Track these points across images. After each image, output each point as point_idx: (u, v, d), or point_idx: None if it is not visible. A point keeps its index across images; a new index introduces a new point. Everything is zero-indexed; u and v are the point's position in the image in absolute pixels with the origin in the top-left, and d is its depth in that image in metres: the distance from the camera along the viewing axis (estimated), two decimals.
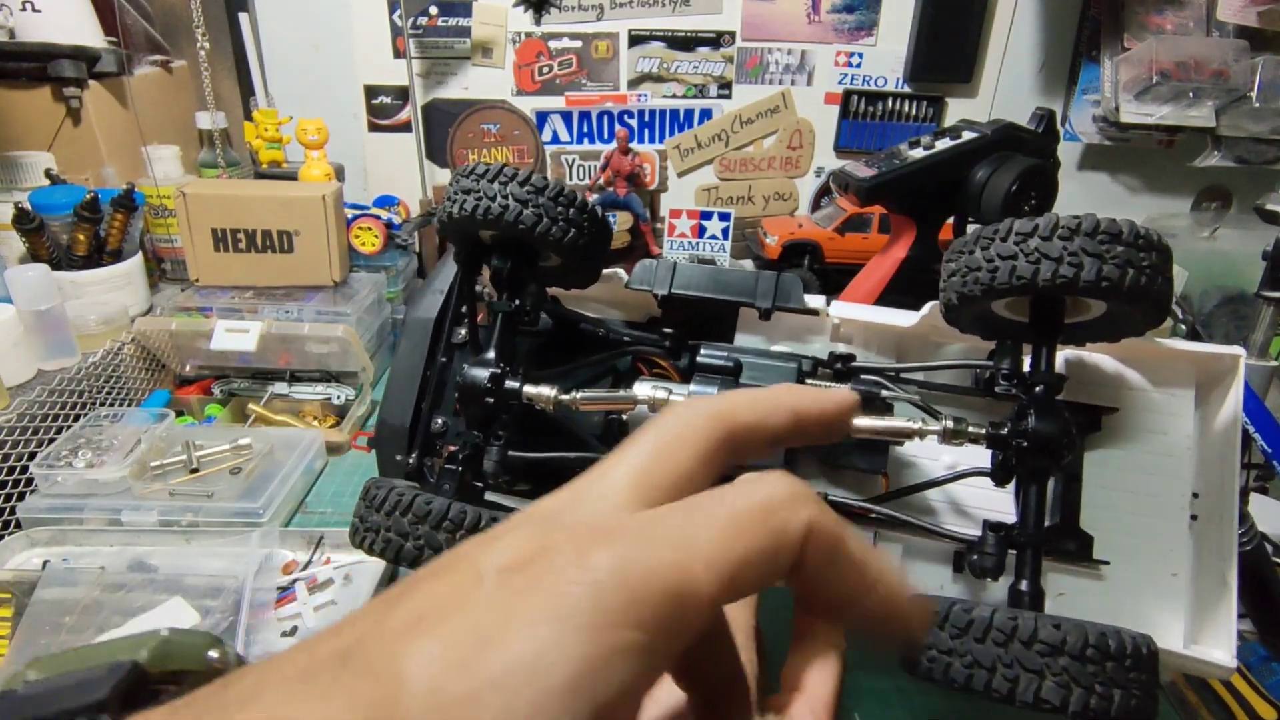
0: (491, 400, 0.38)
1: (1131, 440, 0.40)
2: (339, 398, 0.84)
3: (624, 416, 0.41)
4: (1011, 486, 0.36)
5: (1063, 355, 0.41)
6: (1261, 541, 0.51)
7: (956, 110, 1.36)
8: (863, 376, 0.40)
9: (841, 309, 0.42)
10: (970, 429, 0.34)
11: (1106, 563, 0.37)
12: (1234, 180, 1.38)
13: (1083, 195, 1.41)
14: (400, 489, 0.35)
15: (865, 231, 1.17)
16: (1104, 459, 0.40)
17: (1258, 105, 1.20)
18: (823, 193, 1.41)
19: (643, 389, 0.37)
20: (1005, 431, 0.34)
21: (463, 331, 0.44)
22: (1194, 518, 0.39)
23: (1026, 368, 0.35)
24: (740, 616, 0.27)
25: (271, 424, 0.81)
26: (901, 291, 0.81)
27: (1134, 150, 1.38)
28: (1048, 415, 0.33)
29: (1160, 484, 0.39)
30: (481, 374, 0.38)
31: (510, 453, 0.40)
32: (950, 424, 0.34)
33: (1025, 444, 0.33)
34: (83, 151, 0.99)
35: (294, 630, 0.54)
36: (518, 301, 0.40)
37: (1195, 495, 0.39)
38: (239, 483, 0.66)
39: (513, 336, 0.40)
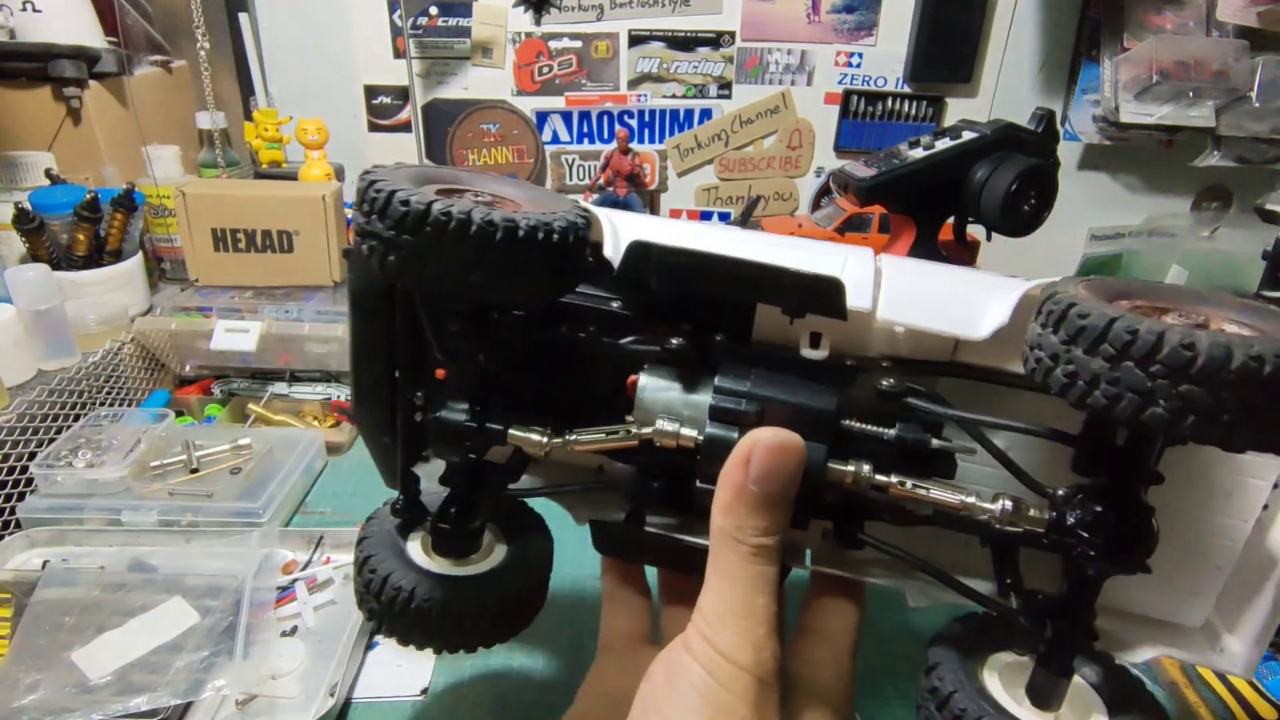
0: (472, 448, 0.34)
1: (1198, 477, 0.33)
2: (339, 398, 0.84)
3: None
4: None
5: None
6: None
7: (956, 110, 1.36)
8: (919, 415, 0.31)
9: (892, 311, 0.31)
10: (1031, 513, 0.28)
11: (1148, 571, 0.30)
12: (1234, 180, 1.38)
13: (1083, 195, 1.41)
14: (386, 569, 0.34)
15: (865, 231, 1.17)
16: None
17: (1258, 105, 1.20)
18: (823, 193, 1.41)
19: (645, 419, 0.32)
20: (1072, 523, 0.28)
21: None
22: (1265, 508, 0.32)
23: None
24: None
25: (271, 424, 0.80)
26: None
27: (1134, 150, 1.38)
28: (1127, 510, 0.27)
29: (1242, 479, 0.32)
30: (458, 417, 0.33)
31: (509, 487, 0.36)
32: (1009, 505, 0.28)
33: (1094, 553, 0.27)
34: (83, 151, 0.99)
35: (294, 630, 0.54)
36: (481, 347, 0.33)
37: (1276, 486, 0.32)
38: (239, 483, 0.66)
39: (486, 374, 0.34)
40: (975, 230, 0.85)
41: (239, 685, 0.48)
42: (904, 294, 0.30)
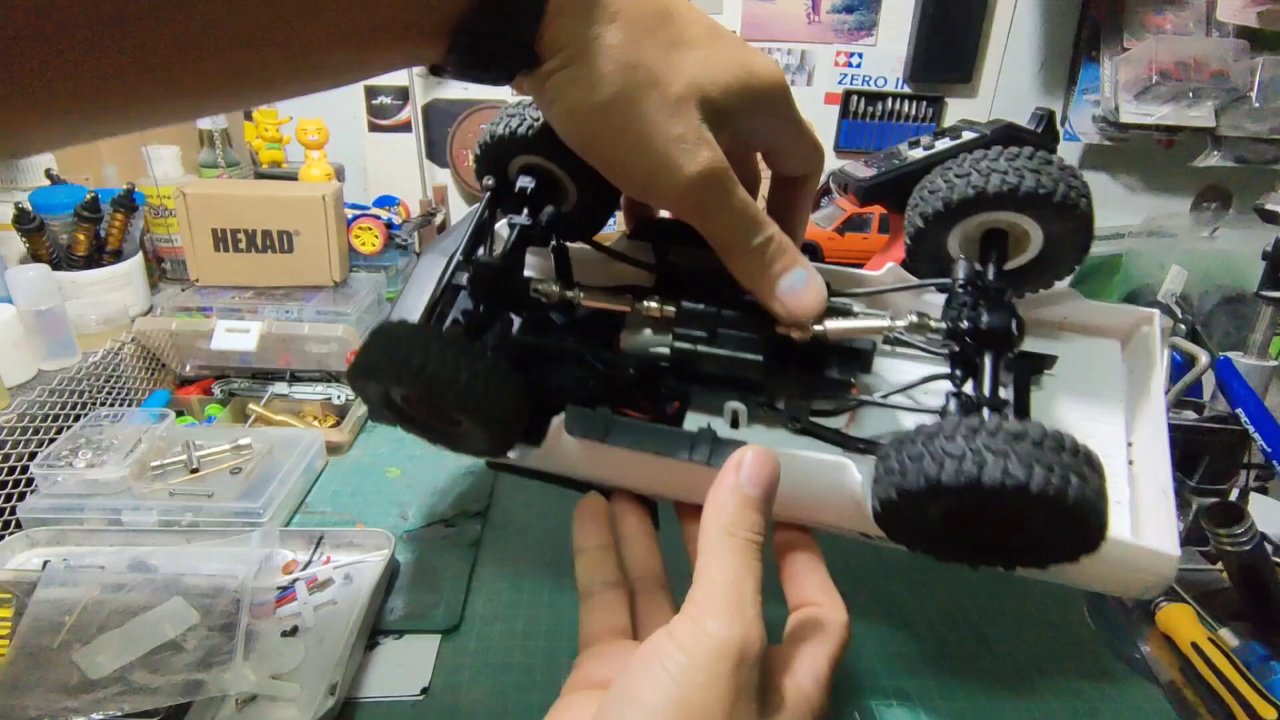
0: (500, 285, 0.40)
1: (1069, 389, 0.46)
2: (339, 398, 0.84)
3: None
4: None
5: None
6: (1261, 541, 0.52)
7: (956, 110, 1.37)
8: (834, 299, 0.43)
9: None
10: (932, 322, 0.39)
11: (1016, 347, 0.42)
12: (1234, 180, 1.38)
13: None
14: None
15: (865, 231, 1.18)
16: (1045, 406, 0.45)
17: (1257, 105, 1.20)
18: (822, 193, 1.41)
19: (640, 297, 0.40)
20: (964, 326, 0.38)
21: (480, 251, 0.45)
22: (1130, 463, 0.43)
23: None
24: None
25: (272, 424, 0.81)
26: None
27: (1134, 150, 1.38)
28: (997, 308, 0.38)
29: (1098, 429, 0.44)
30: (494, 261, 0.41)
31: (512, 334, 0.42)
32: (915, 318, 0.38)
33: (978, 332, 0.38)
34: (83, 151, 0.99)
35: (294, 630, 0.54)
36: (533, 219, 0.42)
37: (1130, 444, 0.44)
38: (239, 483, 0.66)
39: (523, 251, 0.42)
40: None
41: (239, 685, 0.48)
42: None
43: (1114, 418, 0.45)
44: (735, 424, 0.41)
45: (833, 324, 0.38)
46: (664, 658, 0.27)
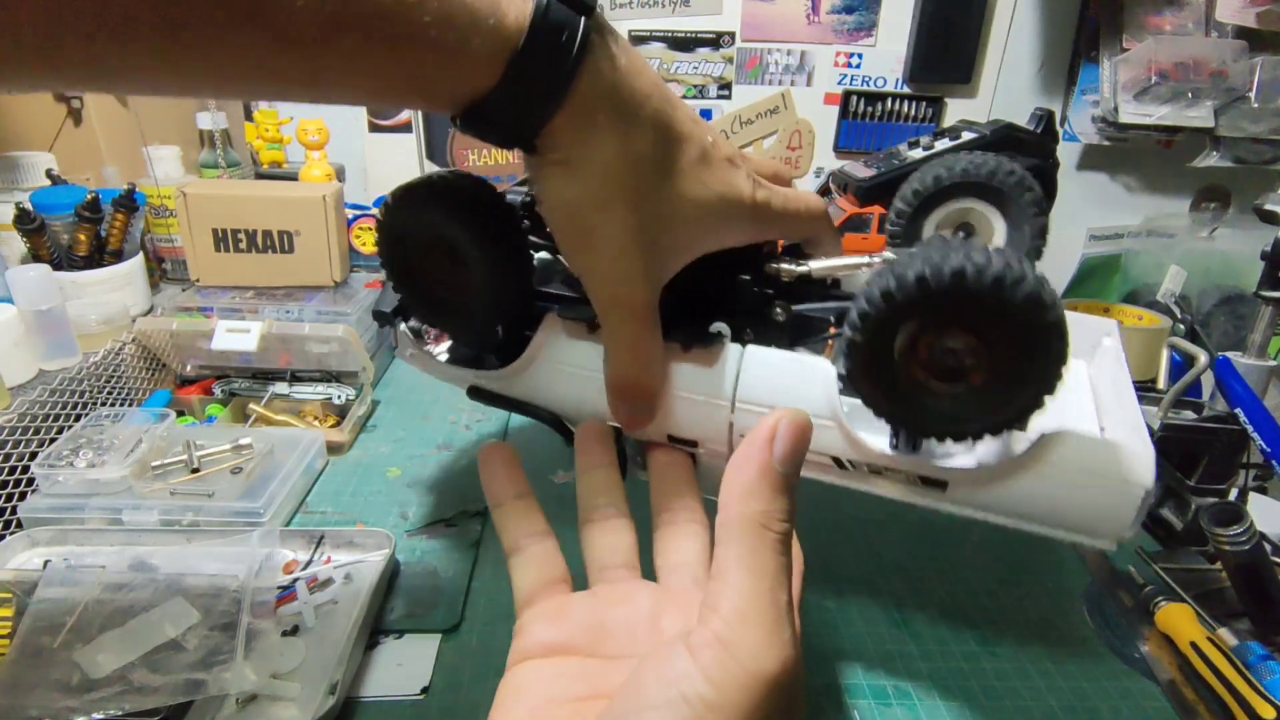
0: (526, 219, 0.44)
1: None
2: (339, 398, 0.84)
3: None
4: None
5: None
6: (1261, 541, 0.52)
7: (956, 110, 1.37)
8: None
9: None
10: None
11: None
12: (1233, 180, 1.38)
13: (1082, 195, 1.41)
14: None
15: (865, 231, 1.17)
16: None
17: (1256, 105, 1.21)
18: (822, 193, 1.41)
19: None
20: None
21: None
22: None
23: None
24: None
25: (272, 424, 0.81)
26: None
27: (1133, 150, 1.38)
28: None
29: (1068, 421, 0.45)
30: (521, 196, 0.44)
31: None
32: (887, 255, 0.41)
33: None
34: (83, 152, 1.00)
35: (295, 629, 0.54)
36: None
37: (1102, 429, 0.45)
38: (239, 482, 0.66)
39: None
40: None
41: (239, 685, 0.48)
42: None
43: (1087, 422, 0.45)
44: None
45: (816, 263, 0.42)
46: (683, 685, 0.23)
